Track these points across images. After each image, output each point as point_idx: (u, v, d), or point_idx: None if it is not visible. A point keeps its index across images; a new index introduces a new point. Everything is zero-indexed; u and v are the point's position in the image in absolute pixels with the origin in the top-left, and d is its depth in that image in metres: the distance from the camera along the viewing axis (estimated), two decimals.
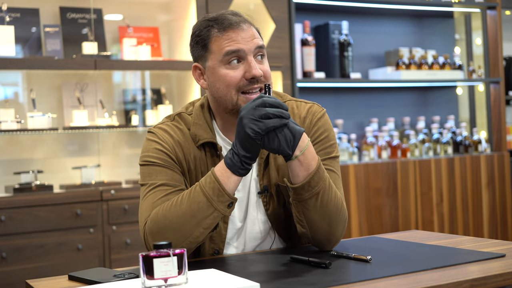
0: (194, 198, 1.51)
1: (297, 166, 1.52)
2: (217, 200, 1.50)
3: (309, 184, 1.51)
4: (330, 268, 1.40)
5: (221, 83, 1.61)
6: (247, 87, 1.60)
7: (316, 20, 4.06)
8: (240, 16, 1.64)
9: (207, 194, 1.50)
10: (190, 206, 1.50)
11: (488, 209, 4.15)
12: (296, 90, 3.64)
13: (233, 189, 1.52)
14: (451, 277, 1.28)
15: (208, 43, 1.62)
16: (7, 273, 2.96)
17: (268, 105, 1.46)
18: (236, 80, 1.60)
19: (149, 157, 1.64)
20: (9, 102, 3.31)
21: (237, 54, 1.59)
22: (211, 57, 1.62)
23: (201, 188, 1.51)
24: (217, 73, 1.61)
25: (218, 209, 1.50)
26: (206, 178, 1.52)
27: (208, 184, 1.50)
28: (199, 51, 1.65)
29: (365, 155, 3.92)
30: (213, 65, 1.62)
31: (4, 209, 2.97)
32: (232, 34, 1.59)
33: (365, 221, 3.72)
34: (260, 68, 1.61)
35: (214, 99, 1.66)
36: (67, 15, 3.46)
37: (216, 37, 1.60)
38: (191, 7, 3.50)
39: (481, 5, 4.35)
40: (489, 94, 4.44)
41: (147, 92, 3.64)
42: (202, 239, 1.54)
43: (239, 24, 1.60)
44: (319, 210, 1.54)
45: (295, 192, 1.54)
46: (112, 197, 3.19)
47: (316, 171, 1.52)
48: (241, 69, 1.60)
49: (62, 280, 1.46)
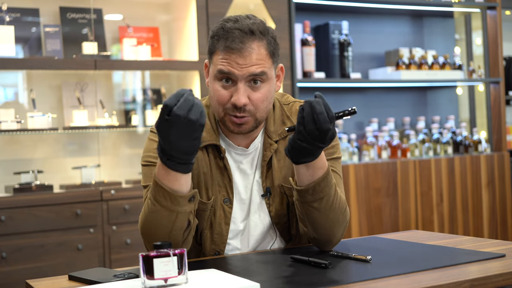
0: (153, 209, 1.47)
1: (303, 170, 1.51)
2: (174, 205, 1.46)
3: (314, 189, 1.51)
4: (330, 268, 1.40)
5: (213, 95, 1.62)
6: (232, 112, 1.59)
7: (316, 20, 4.06)
8: (252, 34, 1.58)
9: (162, 204, 1.46)
10: (155, 218, 1.47)
11: (488, 209, 4.15)
12: (296, 90, 3.64)
13: (185, 187, 1.47)
14: (451, 277, 1.28)
15: (213, 52, 1.63)
16: (7, 273, 2.96)
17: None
18: (224, 101, 1.59)
19: (150, 157, 1.64)
20: (9, 102, 3.30)
21: (228, 76, 1.59)
22: (211, 66, 1.64)
23: (154, 198, 1.46)
24: (212, 84, 1.63)
25: (180, 211, 1.47)
26: (154, 187, 1.46)
27: (158, 193, 1.45)
28: (208, 53, 1.66)
29: (365, 155, 3.92)
30: (211, 73, 1.64)
31: (4, 209, 2.97)
32: (230, 56, 1.57)
33: (365, 221, 3.72)
34: (250, 95, 1.58)
35: (211, 103, 1.67)
36: (67, 15, 3.46)
37: (218, 50, 1.60)
38: (191, 7, 3.50)
39: (481, 5, 4.35)
40: (489, 94, 4.44)
41: (147, 92, 3.64)
42: (185, 236, 1.52)
43: (242, 49, 1.56)
44: (322, 213, 1.54)
45: (299, 194, 1.54)
46: (112, 197, 3.19)
47: (322, 179, 1.50)
48: (231, 90, 1.59)
49: (62, 280, 1.46)
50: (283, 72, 1.72)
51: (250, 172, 1.69)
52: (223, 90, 1.60)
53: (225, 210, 1.66)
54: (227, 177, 1.66)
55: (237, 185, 1.68)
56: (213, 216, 1.65)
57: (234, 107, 1.58)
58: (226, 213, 1.66)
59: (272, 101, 1.66)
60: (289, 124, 1.71)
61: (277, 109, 1.73)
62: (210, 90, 1.65)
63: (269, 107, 1.65)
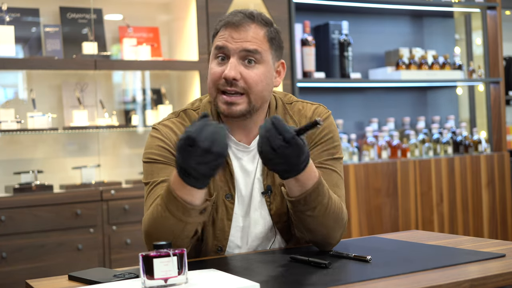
0: (163, 215, 1.46)
1: (292, 182, 1.49)
2: (185, 216, 1.45)
3: (305, 199, 1.50)
4: (330, 268, 1.39)
5: (209, 77, 1.64)
6: (223, 87, 1.59)
7: (316, 20, 4.06)
8: (253, 17, 1.62)
9: (173, 213, 1.45)
10: (163, 223, 1.47)
11: (488, 209, 4.15)
12: (296, 90, 3.64)
13: (198, 200, 1.45)
14: (451, 277, 1.28)
15: (214, 35, 1.66)
16: (7, 273, 2.96)
17: None
18: (216, 77, 1.60)
19: (152, 154, 1.64)
20: (9, 102, 3.30)
21: (222, 51, 1.60)
22: (212, 50, 1.66)
23: (166, 205, 1.45)
24: (209, 66, 1.64)
25: (190, 222, 1.47)
26: (167, 194, 1.44)
27: (170, 202, 1.45)
28: (212, 39, 1.68)
29: (365, 155, 3.92)
30: (211, 56, 1.66)
31: (4, 209, 2.97)
32: (227, 31, 1.61)
33: (365, 221, 3.72)
34: (242, 72, 1.59)
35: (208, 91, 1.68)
36: (67, 15, 3.46)
37: (220, 31, 1.63)
38: (191, 7, 3.50)
39: (481, 5, 4.35)
40: (489, 94, 4.44)
41: (147, 92, 3.64)
42: (192, 240, 1.53)
43: (238, 24, 1.60)
44: (317, 219, 1.53)
45: (291, 204, 1.53)
46: (112, 197, 3.19)
47: (313, 190, 1.48)
48: (224, 67, 1.60)
49: (62, 280, 1.46)
50: (284, 69, 1.72)
51: (251, 169, 1.68)
52: (217, 67, 1.61)
53: (227, 206, 1.66)
54: (229, 172, 1.66)
55: (238, 182, 1.68)
56: (215, 212, 1.65)
57: (225, 82, 1.59)
58: (228, 209, 1.66)
59: (268, 90, 1.65)
60: (292, 123, 1.70)
61: (280, 107, 1.73)
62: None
63: (264, 93, 1.63)
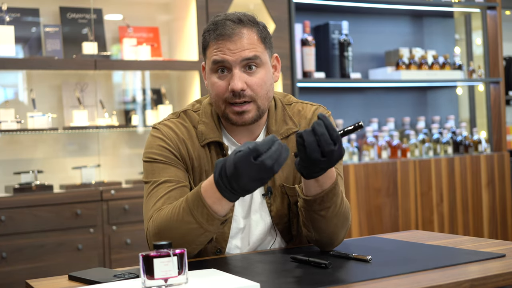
0: (184, 219, 1.46)
1: (312, 182, 1.50)
2: (208, 224, 1.45)
3: (322, 199, 1.51)
4: (330, 268, 1.39)
5: (212, 90, 1.63)
6: (232, 100, 1.59)
7: (316, 20, 4.06)
8: (241, 22, 1.61)
9: (196, 218, 1.45)
10: (181, 226, 1.46)
11: (488, 209, 4.15)
12: (296, 90, 3.64)
13: (225, 211, 1.45)
14: (451, 277, 1.28)
15: (206, 47, 1.64)
16: (7, 273, 2.96)
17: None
18: (222, 91, 1.60)
19: (152, 153, 1.64)
20: (9, 102, 3.30)
21: (222, 65, 1.59)
22: (207, 62, 1.65)
23: (190, 210, 1.45)
24: (210, 79, 1.63)
25: (209, 231, 1.47)
26: (194, 199, 1.45)
27: (196, 208, 1.44)
28: (202, 51, 1.67)
29: (365, 155, 3.92)
30: (207, 70, 1.65)
31: (4, 209, 2.97)
32: (222, 43, 1.59)
33: (365, 221, 3.72)
34: (247, 80, 1.59)
35: (211, 101, 1.67)
36: (67, 15, 3.46)
37: (211, 43, 1.62)
38: (191, 7, 3.50)
39: (481, 5, 4.35)
40: (489, 94, 4.44)
41: (147, 92, 3.64)
42: (201, 247, 1.54)
43: (231, 34, 1.58)
44: (327, 219, 1.54)
45: (306, 203, 1.53)
46: (112, 197, 3.19)
47: (331, 190, 1.50)
48: (227, 79, 1.60)
49: (62, 280, 1.46)
50: (279, 62, 1.72)
51: None
52: (220, 81, 1.61)
53: None
54: None
55: None
56: None
57: (233, 95, 1.58)
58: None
59: (272, 89, 1.66)
60: (291, 124, 1.71)
61: (279, 108, 1.73)
62: (209, 87, 1.65)
63: (269, 94, 1.64)
